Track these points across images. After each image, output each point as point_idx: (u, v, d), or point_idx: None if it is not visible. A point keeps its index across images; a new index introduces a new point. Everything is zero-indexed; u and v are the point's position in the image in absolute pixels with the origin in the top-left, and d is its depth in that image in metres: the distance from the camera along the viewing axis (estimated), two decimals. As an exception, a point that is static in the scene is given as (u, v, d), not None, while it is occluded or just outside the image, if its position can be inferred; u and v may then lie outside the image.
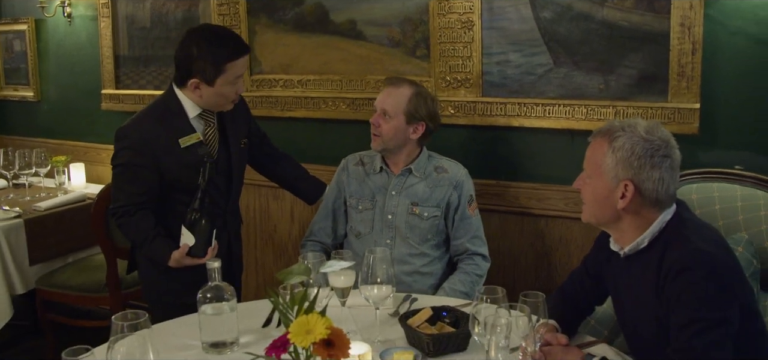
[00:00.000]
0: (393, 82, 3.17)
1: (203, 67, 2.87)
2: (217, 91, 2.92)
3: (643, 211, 2.13)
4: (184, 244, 2.84)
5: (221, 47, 2.88)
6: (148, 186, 2.94)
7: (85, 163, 5.06)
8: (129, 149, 2.93)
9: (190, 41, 2.91)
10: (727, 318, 1.99)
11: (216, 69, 2.87)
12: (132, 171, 2.94)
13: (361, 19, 3.83)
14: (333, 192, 3.33)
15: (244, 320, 2.43)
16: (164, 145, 2.92)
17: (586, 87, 3.31)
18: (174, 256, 2.87)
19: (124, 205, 2.95)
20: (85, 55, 5.12)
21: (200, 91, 2.92)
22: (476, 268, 3.12)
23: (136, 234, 2.98)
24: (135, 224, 2.95)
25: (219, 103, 2.99)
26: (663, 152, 2.10)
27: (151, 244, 2.93)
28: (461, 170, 3.20)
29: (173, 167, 2.93)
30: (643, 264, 2.15)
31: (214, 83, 2.89)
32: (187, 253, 2.84)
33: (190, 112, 2.98)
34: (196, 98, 2.95)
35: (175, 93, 2.99)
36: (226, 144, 3.10)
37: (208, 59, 2.86)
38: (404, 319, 2.33)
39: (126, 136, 2.94)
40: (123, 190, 2.96)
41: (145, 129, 2.93)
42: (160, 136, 2.92)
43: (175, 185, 2.96)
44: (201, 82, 2.89)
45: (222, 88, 2.91)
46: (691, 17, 3.05)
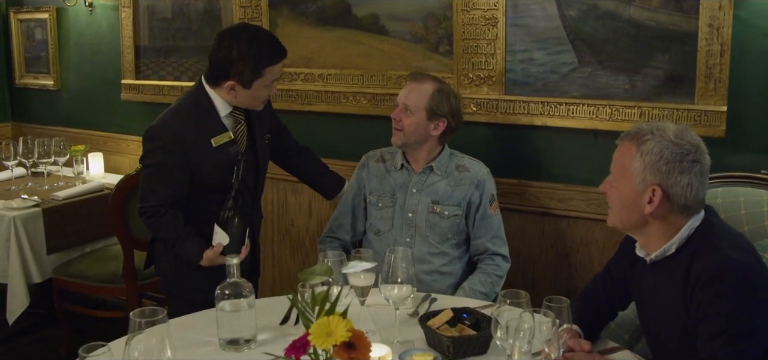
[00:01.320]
0: (416, 78, 3.13)
1: (242, 69, 2.83)
2: (252, 94, 2.90)
3: (670, 217, 2.09)
4: (218, 243, 2.82)
5: (261, 51, 2.85)
6: (180, 186, 2.92)
7: (103, 152, 5.07)
8: (161, 149, 2.89)
9: (230, 43, 2.86)
10: (758, 328, 1.95)
11: (255, 73, 2.84)
12: (164, 171, 2.91)
13: (384, 14, 3.80)
14: (353, 189, 3.30)
15: (261, 317, 2.41)
16: (196, 144, 2.90)
17: (611, 87, 3.26)
18: (207, 255, 2.85)
19: (155, 205, 2.92)
20: (106, 44, 5.11)
21: (235, 93, 2.89)
22: (496, 268, 3.09)
23: (167, 233, 2.94)
24: (166, 223, 2.92)
25: (252, 104, 2.97)
26: (693, 157, 2.06)
27: (184, 243, 2.91)
28: (483, 169, 3.16)
29: (205, 166, 2.91)
30: (670, 271, 2.11)
31: (251, 86, 2.87)
32: (221, 253, 2.82)
33: (222, 110, 2.96)
34: (230, 98, 2.92)
35: (205, 90, 2.95)
36: (253, 140, 3.08)
37: (248, 63, 2.83)
38: (424, 320, 2.30)
39: (158, 137, 2.90)
40: (154, 191, 2.92)
41: (176, 128, 2.89)
42: (192, 135, 2.90)
43: (205, 184, 2.94)
44: (237, 84, 2.86)
45: (258, 90, 2.90)
46: (720, 18, 2.99)
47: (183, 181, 2.92)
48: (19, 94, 5.80)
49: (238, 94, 2.90)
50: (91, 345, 1.75)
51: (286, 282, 4.39)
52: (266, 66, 2.86)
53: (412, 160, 3.16)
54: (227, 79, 2.86)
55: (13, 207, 4.16)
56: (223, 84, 2.88)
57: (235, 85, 2.87)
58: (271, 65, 2.87)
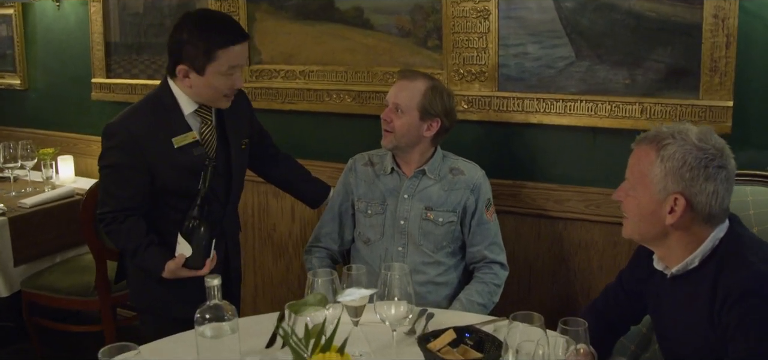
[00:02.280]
0: (407, 75, 2.95)
1: (193, 52, 2.63)
2: (207, 82, 2.67)
3: (693, 228, 1.93)
4: (180, 255, 2.62)
5: (213, 32, 2.64)
6: (139, 190, 2.72)
7: (74, 155, 4.85)
8: (117, 149, 2.69)
9: (182, 25, 2.68)
10: None
11: (206, 55, 2.62)
12: (121, 173, 2.71)
13: (369, 7, 3.62)
14: (339, 195, 3.13)
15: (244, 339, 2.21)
16: (156, 144, 2.70)
17: (611, 82, 3.11)
18: (169, 267, 2.64)
19: (113, 211, 2.72)
20: (75, 41, 4.89)
21: (189, 80, 2.68)
22: (494, 277, 2.93)
23: (127, 242, 2.74)
24: (125, 232, 2.72)
25: (211, 97, 2.73)
26: (718, 162, 1.90)
27: (144, 253, 2.70)
28: (478, 172, 3.00)
29: (165, 169, 2.71)
30: (693, 286, 1.95)
31: (204, 72, 2.64)
32: (183, 265, 2.62)
33: (186, 108, 2.75)
34: (187, 89, 2.71)
35: (169, 86, 2.75)
36: (226, 145, 2.87)
37: (199, 44, 2.62)
38: (424, 342, 2.13)
39: (114, 134, 2.70)
40: (111, 195, 2.73)
41: (134, 126, 2.68)
42: (151, 135, 2.69)
43: (167, 188, 2.74)
44: (190, 70, 2.65)
45: (213, 78, 2.66)
46: (725, 9, 2.85)
47: (141, 185, 2.72)
48: (-16, 95, 5.57)
49: (193, 82, 2.68)
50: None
51: (269, 289, 4.22)
52: (219, 48, 2.63)
53: (403, 163, 2.99)
54: (180, 63, 2.66)
55: (-23, 216, 3.95)
56: (177, 70, 2.68)
57: (188, 71, 2.66)
58: (224, 47, 2.63)
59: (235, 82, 2.72)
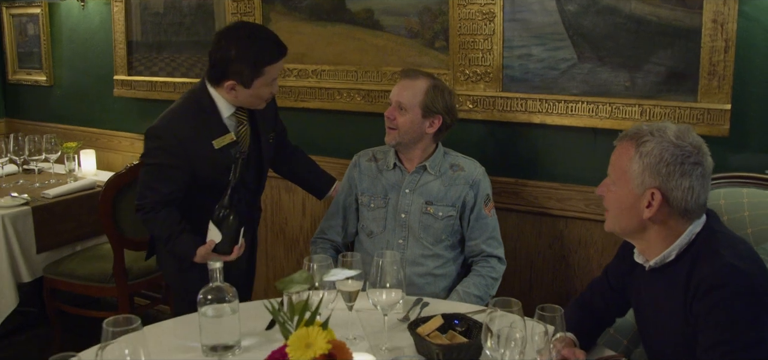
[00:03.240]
0: (409, 74, 3.05)
1: (241, 69, 2.81)
2: (253, 93, 2.87)
3: (670, 222, 2.00)
4: (211, 240, 2.76)
5: (260, 50, 2.82)
6: (178, 186, 2.89)
7: (96, 149, 5.00)
8: (162, 150, 2.87)
9: (228, 42, 2.83)
10: (761, 340, 1.86)
11: (255, 72, 2.82)
12: (163, 171, 2.88)
13: (379, 9, 3.71)
14: (344, 189, 3.22)
15: (248, 322, 2.34)
16: (198, 146, 2.88)
17: (612, 84, 3.17)
18: (200, 252, 2.78)
19: (152, 203, 2.88)
20: (98, 40, 5.04)
21: (236, 93, 2.87)
22: (492, 270, 3.01)
23: (162, 230, 2.90)
24: (161, 220, 2.88)
25: (253, 103, 2.95)
26: (694, 159, 1.96)
27: (177, 239, 2.86)
28: (478, 168, 3.08)
29: (205, 167, 2.88)
30: (670, 278, 2.02)
31: (251, 85, 2.84)
32: (213, 250, 2.76)
33: (224, 111, 2.94)
34: (231, 98, 2.90)
35: (208, 91, 2.93)
36: (258, 139, 3.07)
37: (247, 62, 2.80)
38: (413, 326, 2.22)
39: (159, 137, 2.88)
40: (152, 188, 2.89)
41: (178, 129, 2.87)
42: (193, 137, 2.87)
43: (204, 184, 2.90)
44: (238, 84, 2.84)
45: (259, 89, 2.87)
46: (724, 13, 2.90)
47: (182, 181, 2.89)
48: (12, 90, 5.73)
49: (239, 93, 2.87)
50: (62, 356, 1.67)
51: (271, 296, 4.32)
52: (266, 65, 2.83)
53: (406, 159, 3.08)
54: (226, 78, 2.84)
55: (2, 205, 4.09)
56: (224, 84, 2.86)
57: (235, 85, 2.84)
58: (271, 64, 2.84)
59: (275, 89, 2.95)
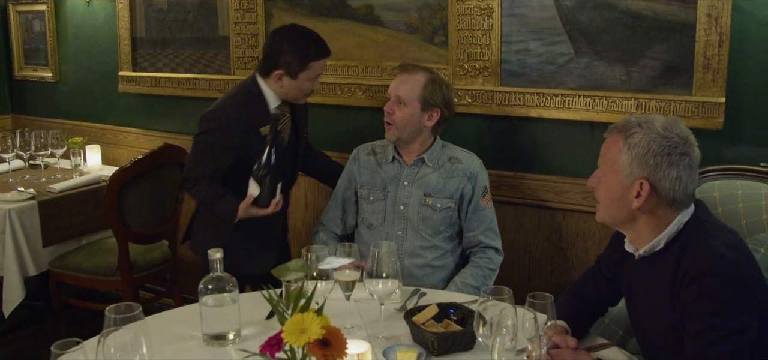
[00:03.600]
0: (407, 69, 3.10)
1: (289, 61, 3.12)
2: (297, 85, 3.16)
3: (658, 212, 2.05)
4: (250, 194, 2.99)
5: (308, 46, 3.15)
6: (224, 164, 3.15)
7: (101, 145, 5.05)
8: (216, 132, 3.15)
9: (282, 37, 3.17)
10: (746, 327, 1.90)
11: (301, 64, 3.12)
12: (214, 151, 3.16)
13: (379, 4, 3.76)
14: (343, 182, 3.28)
15: (248, 312, 2.38)
16: (247, 132, 3.13)
17: (608, 78, 3.21)
18: (241, 207, 3.01)
19: (197, 176, 3.16)
20: (103, 37, 5.09)
21: (282, 83, 3.15)
22: (489, 262, 3.05)
23: (206, 194, 3.15)
24: (204, 187, 3.15)
25: (296, 96, 3.23)
26: (681, 150, 2.01)
27: (221, 200, 3.10)
28: (476, 161, 3.12)
29: (251, 152, 3.04)
30: (659, 266, 2.06)
31: (297, 77, 3.13)
32: (252, 204, 3.00)
33: (271, 102, 3.21)
34: (278, 88, 3.18)
35: (257, 83, 3.22)
36: (297, 133, 3.36)
37: (295, 55, 3.12)
38: (409, 315, 2.26)
39: (212, 120, 3.17)
40: (201, 164, 3.17)
41: (231, 115, 3.16)
42: (244, 124, 3.14)
43: (245, 167, 3.06)
44: (285, 74, 3.13)
45: (303, 82, 3.16)
46: (718, 7, 2.94)
47: (227, 161, 3.15)
48: (18, 87, 5.79)
49: (285, 84, 3.16)
50: (65, 341, 1.72)
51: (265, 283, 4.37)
52: (312, 60, 3.13)
53: (404, 152, 3.13)
54: (276, 68, 3.14)
55: (9, 200, 4.14)
56: (272, 73, 3.15)
57: (282, 75, 3.14)
58: (315, 60, 3.14)
59: (316, 85, 3.24)
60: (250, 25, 4.24)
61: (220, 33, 4.43)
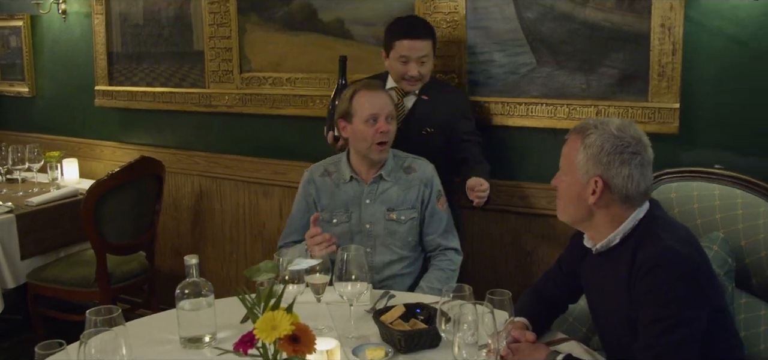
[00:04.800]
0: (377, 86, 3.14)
1: (385, 39, 3.36)
2: (390, 65, 3.35)
3: (613, 208, 2.16)
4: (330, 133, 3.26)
5: (394, 28, 3.33)
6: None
7: (78, 158, 5.10)
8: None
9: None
10: (696, 317, 2.02)
11: (389, 43, 3.32)
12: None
13: (349, 19, 3.88)
14: (300, 209, 3.20)
15: (224, 315, 2.46)
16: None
17: (569, 86, 3.34)
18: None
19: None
20: (80, 51, 5.17)
21: (386, 63, 3.37)
22: (450, 263, 3.11)
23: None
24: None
25: (395, 78, 3.37)
26: (632, 149, 2.13)
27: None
28: (429, 166, 3.17)
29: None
30: (615, 261, 2.18)
31: (389, 55, 3.33)
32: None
33: (388, 82, 3.40)
34: (387, 67, 3.38)
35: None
36: (409, 124, 3.35)
37: (387, 34, 3.35)
38: (377, 315, 2.37)
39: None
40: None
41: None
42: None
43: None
44: (384, 53, 3.36)
45: (393, 62, 3.32)
46: (671, 18, 3.08)
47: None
48: (-5, 102, 5.84)
49: (387, 64, 3.38)
50: (48, 342, 1.81)
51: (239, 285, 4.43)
52: (394, 39, 3.28)
53: (362, 171, 3.12)
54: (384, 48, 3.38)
55: (-14, 214, 4.20)
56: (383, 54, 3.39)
57: (384, 55, 3.37)
58: (397, 39, 3.27)
59: (408, 69, 3.28)
60: (224, 39, 4.33)
61: (195, 47, 4.52)
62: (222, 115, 4.46)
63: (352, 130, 3.04)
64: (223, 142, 4.53)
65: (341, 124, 3.09)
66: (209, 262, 4.68)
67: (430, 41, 3.29)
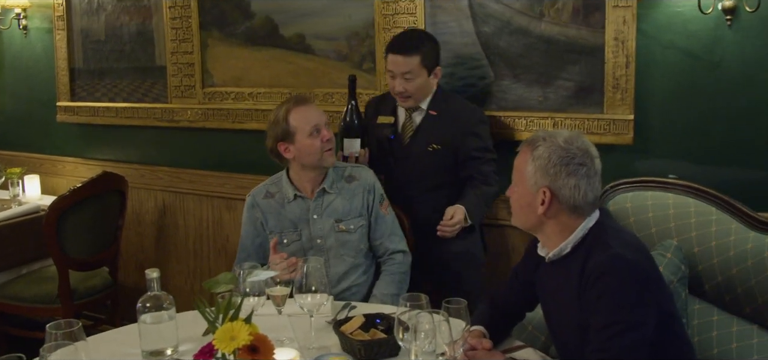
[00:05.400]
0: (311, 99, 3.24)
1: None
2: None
3: (562, 218, 2.22)
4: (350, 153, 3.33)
5: (390, 40, 3.35)
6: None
7: (40, 175, 5.07)
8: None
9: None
10: (643, 321, 2.07)
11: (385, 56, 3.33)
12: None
13: (310, 34, 3.92)
14: (248, 232, 3.20)
15: (186, 328, 2.48)
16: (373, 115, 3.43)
17: (526, 99, 3.40)
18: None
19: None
20: (41, 67, 5.15)
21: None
22: (399, 266, 3.15)
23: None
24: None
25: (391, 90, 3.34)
26: (579, 160, 2.18)
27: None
28: (369, 172, 3.22)
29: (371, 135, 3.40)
30: (567, 269, 2.23)
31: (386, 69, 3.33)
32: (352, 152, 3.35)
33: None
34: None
35: None
36: (415, 140, 3.35)
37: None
38: (338, 326, 2.40)
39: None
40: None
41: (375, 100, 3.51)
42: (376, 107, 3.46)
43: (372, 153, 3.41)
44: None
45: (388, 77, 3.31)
46: (624, 32, 3.16)
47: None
48: (-44, 119, 5.78)
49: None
50: (8, 357, 1.82)
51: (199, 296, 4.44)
52: (386, 53, 3.30)
53: (303, 187, 3.14)
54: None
55: (-53, 231, 4.17)
56: None
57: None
58: (387, 54, 3.28)
59: (395, 85, 3.27)
60: (187, 54, 4.35)
61: (157, 62, 4.53)
62: (185, 130, 4.47)
63: (297, 148, 3.06)
64: (186, 157, 4.54)
65: (283, 147, 3.09)
66: (173, 277, 4.68)
67: (415, 57, 3.20)
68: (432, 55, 3.27)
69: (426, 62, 3.23)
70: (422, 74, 3.23)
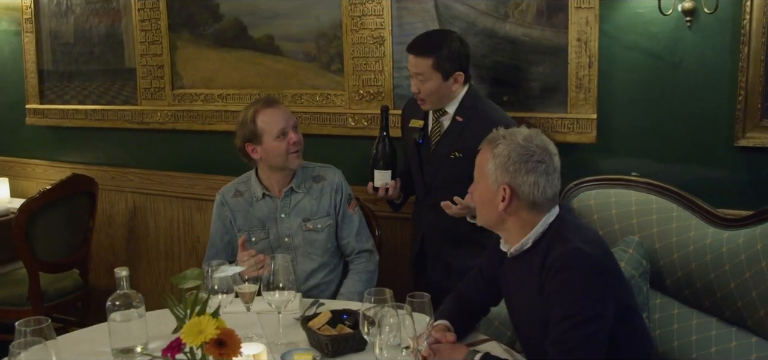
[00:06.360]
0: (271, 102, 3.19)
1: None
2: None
3: (522, 214, 2.27)
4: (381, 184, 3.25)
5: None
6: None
7: (9, 178, 5.07)
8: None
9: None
10: (602, 314, 2.13)
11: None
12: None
13: (278, 35, 3.95)
14: (217, 229, 3.24)
15: (156, 327, 2.50)
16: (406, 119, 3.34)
17: (492, 99, 3.40)
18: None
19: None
20: (10, 69, 5.13)
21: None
22: (367, 264, 3.20)
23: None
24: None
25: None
26: (538, 158, 2.23)
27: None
28: (337, 173, 3.26)
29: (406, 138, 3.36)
30: (528, 264, 2.28)
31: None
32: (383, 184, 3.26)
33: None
34: None
35: None
36: (440, 146, 3.19)
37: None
38: (305, 321, 2.44)
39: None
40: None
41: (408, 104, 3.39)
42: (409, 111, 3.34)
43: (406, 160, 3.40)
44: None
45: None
46: (587, 32, 3.22)
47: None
48: None
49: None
50: (-24, 355, 1.84)
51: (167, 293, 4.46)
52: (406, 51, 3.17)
53: (272, 187, 3.18)
54: None
55: None
56: None
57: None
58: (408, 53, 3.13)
59: (412, 85, 3.15)
60: (156, 56, 4.36)
61: (126, 64, 4.53)
62: (155, 132, 4.48)
63: (264, 150, 3.09)
64: (157, 159, 4.55)
65: (250, 148, 3.12)
66: (145, 279, 4.69)
67: (427, 59, 3.03)
68: (450, 60, 3.06)
69: (440, 66, 3.04)
70: (435, 78, 3.05)
